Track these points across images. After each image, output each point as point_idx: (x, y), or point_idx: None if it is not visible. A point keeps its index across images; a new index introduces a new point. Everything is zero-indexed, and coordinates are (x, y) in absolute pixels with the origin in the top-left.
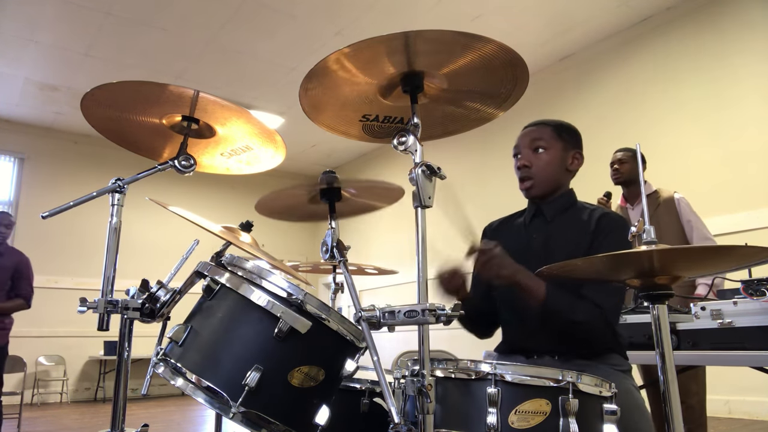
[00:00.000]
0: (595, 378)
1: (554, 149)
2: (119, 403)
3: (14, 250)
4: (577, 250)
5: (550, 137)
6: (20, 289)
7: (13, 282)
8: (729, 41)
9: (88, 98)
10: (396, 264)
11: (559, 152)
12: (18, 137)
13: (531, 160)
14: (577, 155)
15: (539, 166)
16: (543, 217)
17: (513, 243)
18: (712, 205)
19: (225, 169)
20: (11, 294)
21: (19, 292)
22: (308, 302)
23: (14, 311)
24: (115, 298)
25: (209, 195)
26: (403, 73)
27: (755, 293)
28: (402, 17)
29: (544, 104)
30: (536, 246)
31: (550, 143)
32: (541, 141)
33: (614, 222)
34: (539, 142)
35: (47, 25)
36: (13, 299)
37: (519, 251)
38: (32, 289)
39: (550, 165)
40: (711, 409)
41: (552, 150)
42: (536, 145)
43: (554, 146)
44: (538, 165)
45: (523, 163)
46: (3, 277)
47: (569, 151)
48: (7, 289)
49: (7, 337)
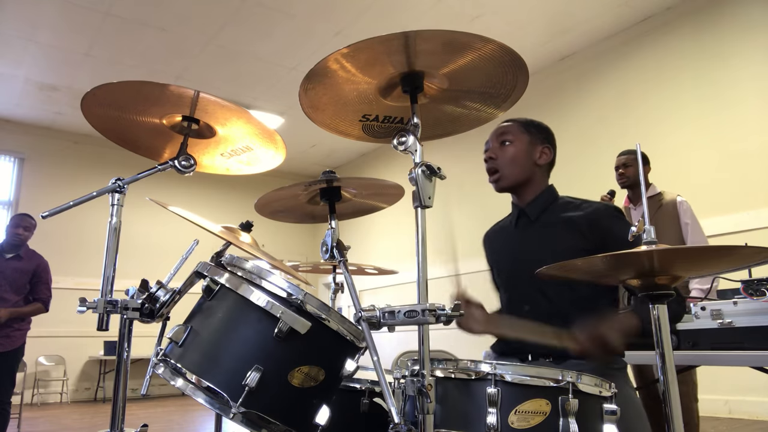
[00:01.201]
0: (595, 378)
1: (520, 141)
2: (119, 403)
3: (34, 253)
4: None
5: (516, 131)
6: (39, 292)
7: (32, 286)
8: (729, 42)
9: (88, 98)
10: (396, 264)
11: (525, 145)
12: (18, 137)
13: (497, 152)
14: (545, 150)
15: (504, 158)
16: (527, 218)
17: (504, 247)
18: (712, 205)
19: (225, 170)
20: (29, 297)
21: (38, 295)
22: (308, 302)
23: (33, 315)
24: (114, 298)
25: (209, 195)
26: (403, 74)
27: (755, 293)
28: (402, 17)
29: (544, 104)
30: (525, 247)
31: (516, 136)
32: (507, 135)
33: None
34: (505, 135)
35: (47, 25)
36: (32, 303)
37: (511, 255)
38: (50, 293)
39: (516, 157)
40: (711, 409)
41: (517, 142)
42: (502, 138)
43: (520, 139)
44: (503, 157)
45: (489, 155)
46: (22, 281)
47: (537, 145)
48: (26, 292)
49: (23, 338)
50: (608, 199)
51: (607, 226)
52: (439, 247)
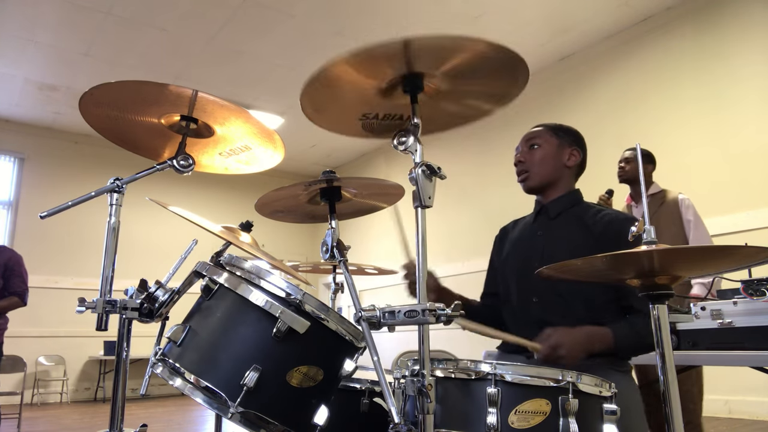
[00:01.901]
0: (595, 378)
1: (548, 145)
2: (118, 403)
3: (4, 247)
4: (579, 248)
5: (545, 135)
6: (13, 286)
7: (5, 280)
8: (729, 41)
9: (86, 98)
10: (396, 264)
11: (554, 148)
12: (18, 137)
13: (526, 156)
14: (574, 152)
15: (533, 160)
16: (546, 215)
17: (521, 238)
18: (712, 205)
19: (224, 169)
20: (4, 293)
21: (13, 289)
22: (307, 302)
23: (9, 309)
24: (113, 298)
25: (209, 195)
26: (403, 75)
27: (755, 293)
28: (402, 17)
29: (544, 104)
30: (539, 243)
31: (544, 140)
32: (536, 139)
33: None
34: (534, 140)
35: (47, 25)
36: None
37: (523, 248)
38: (26, 286)
39: (544, 159)
40: (711, 409)
41: (546, 146)
42: (531, 142)
43: (548, 142)
44: (532, 160)
45: (518, 158)
46: None
47: (565, 147)
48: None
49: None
50: (606, 198)
51: (619, 230)
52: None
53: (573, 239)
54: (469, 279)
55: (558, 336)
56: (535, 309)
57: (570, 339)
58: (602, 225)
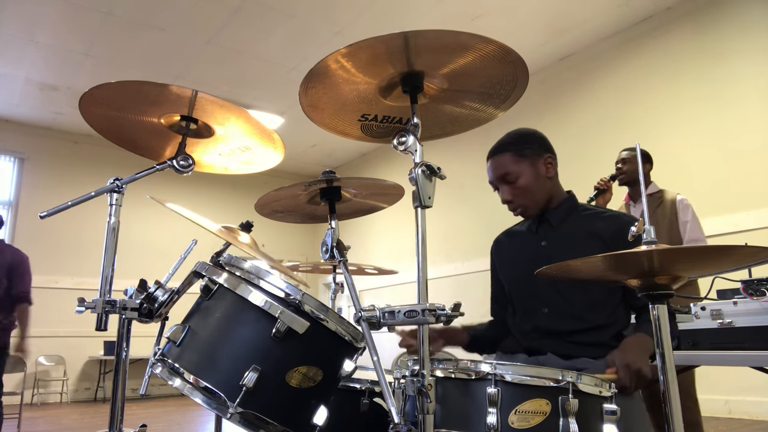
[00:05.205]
0: (595, 378)
1: (524, 172)
2: (117, 403)
3: (10, 247)
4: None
5: (513, 163)
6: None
7: (10, 281)
8: (729, 41)
9: (86, 98)
10: (396, 264)
11: (529, 170)
12: (18, 137)
13: (509, 193)
14: (548, 160)
15: (518, 195)
16: (548, 224)
17: (524, 251)
18: (712, 205)
19: (223, 169)
20: (10, 292)
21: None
22: (306, 302)
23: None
24: (113, 298)
25: (209, 195)
26: (403, 73)
27: (755, 293)
28: (402, 17)
29: (544, 104)
30: (546, 252)
31: (516, 167)
32: (509, 174)
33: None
34: (507, 174)
35: (47, 25)
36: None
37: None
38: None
39: (528, 187)
40: (711, 409)
41: (522, 173)
42: (507, 178)
43: (522, 169)
44: (518, 194)
45: (504, 198)
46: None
47: (537, 162)
48: (5, 287)
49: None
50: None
51: None
52: None
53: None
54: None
55: (620, 357)
56: (545, 319)
57: (631, 353)
58: (612, 231)
